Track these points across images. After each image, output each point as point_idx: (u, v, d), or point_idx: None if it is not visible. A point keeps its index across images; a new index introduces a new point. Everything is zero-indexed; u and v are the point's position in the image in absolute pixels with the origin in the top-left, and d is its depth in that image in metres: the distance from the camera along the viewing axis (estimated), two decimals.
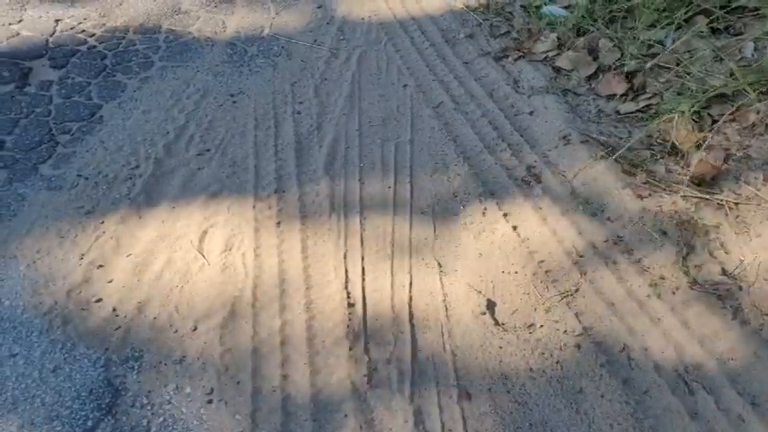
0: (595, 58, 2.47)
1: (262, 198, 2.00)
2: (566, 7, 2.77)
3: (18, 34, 2.68)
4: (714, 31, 2.39)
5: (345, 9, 2.91)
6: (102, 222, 1.91)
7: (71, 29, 2.73)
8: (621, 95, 2.30)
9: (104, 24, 2.77)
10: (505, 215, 1.93)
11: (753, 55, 2.21)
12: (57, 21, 2.77)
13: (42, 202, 1.97)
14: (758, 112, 2.01)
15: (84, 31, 2.72)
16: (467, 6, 2.91)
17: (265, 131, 2.25)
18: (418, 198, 2.00)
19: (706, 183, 1.92)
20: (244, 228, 1.90)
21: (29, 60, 2.54)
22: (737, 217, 1.81)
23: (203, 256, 1.81)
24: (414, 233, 1.89)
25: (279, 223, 1.91)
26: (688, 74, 2.21)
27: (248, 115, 2.32)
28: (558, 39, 2.59)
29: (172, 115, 2.31)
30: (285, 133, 2.24)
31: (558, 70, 2.49)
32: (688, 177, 1.94)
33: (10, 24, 2.74)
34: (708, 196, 1.88)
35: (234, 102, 2.39)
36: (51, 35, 2.69)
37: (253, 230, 1.89)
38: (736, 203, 1.84)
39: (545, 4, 2.79)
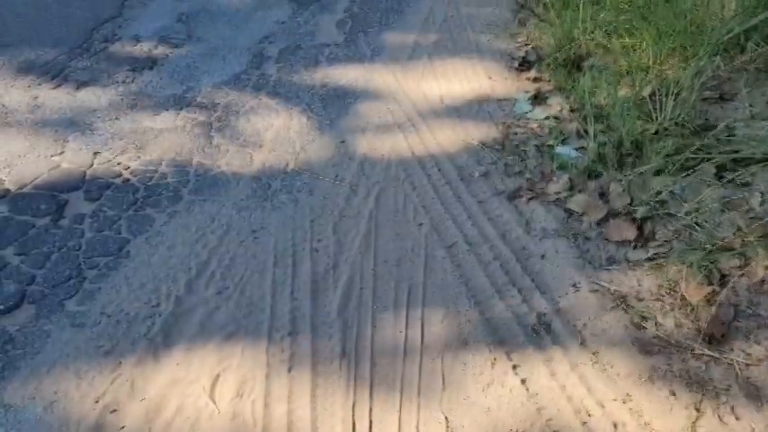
0: (606, 202, 2.53)
1: (275, 341, 2.04)
2: (578, 148, 2.87)
3: (59, 166, 2.86)
4: (721, 179, 2.45)
5: (367, 145, 3.06)
6: (120, 363, 1.96)
7: (108, 161, 2.90)
8: (631, 242, 2.35)
9: (140, 157, 2.94)
10: (515, 367, 1.94)
11: (760, 207, 2.26)
12: (95, 153, 2.95)
13: (65, 340, 2.04)
14: (767, 269, 2.03)
15: (120, 163, 2.89)
16: (483, 144, 3.03)
17: (284, 270, 2.33)
18: (429, 345, 2.03)
19: (716, 340, 1.92)
20: (256, 372, 1.94)
21: (66, 192, 2.70)
22: (748, 379, 1.80)
23: (214, 403, 1.84)
24: (422, 383, 1.91)
25: (290, 369, 1.95)
26: (696, 223, 2.26)
27: (268, 252, 2.41)
28: (570, 180, 2.67)
29: (195, 251, 2.41)
30: (303, 272, 2.32)
31: (569, 212, 2.55)
32: (698, 334, 1.95)
33: (52, 156, 2.93)
34: (718, 355, 1.88)
35: (255, 238, 2.49)
36: (89, 167, 2.86)
37: (264, 376, 1.92)
38: (747, 365, 1.83)
39: (558, 145, 2.90)
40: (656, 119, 2.76)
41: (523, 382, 1.89)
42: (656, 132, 2.70)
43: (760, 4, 2.77)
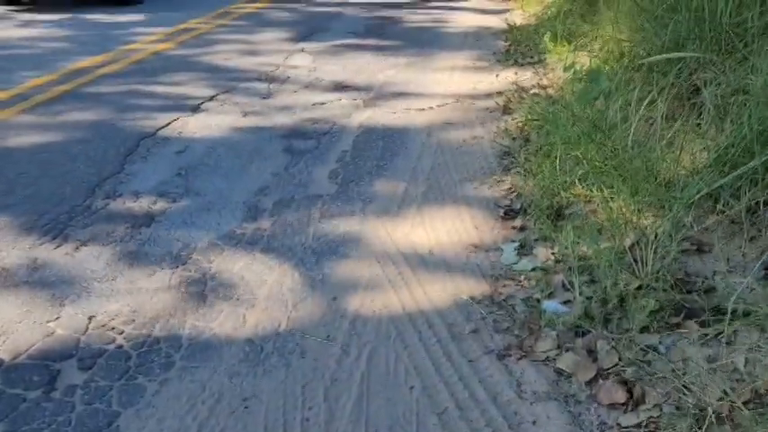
0: (594, 361, 2.56)
1: None
2: (565, 302, 2.93)
3: (54, 332, 2.90)
4: (705, 336, 2.49)
5: (358, 302, 3.12)
6: None
7: (102, 326, 2.94)
8: (622, 405, 2.35)
9: (134, 320, 2.98)
10: None
11: (744, 368, 2.28)
12: (90, 318, 3.00)
13: None
14: None
15: (114, 328, 2.93)
16: (472, 298, 3.10)
17: None
18: None
19: None
20: None
21: (59, 362, 2.71)
22: None
23: None
24: None
25: None
26: (684, 386, 2.28)
27: (258, 424, 2.40)
28: (558, 337, 2.71)
29: (185, 424, 2.40)
30: None
31: (559, 372, 2.57)
32: None
33: (48, 322, 2.97)
34: None
35: (246, 407, 2.48)
36: (83, 333, 2.89)
37: None
38: None
39: (544, 299, 2.96)
40: (638, 272, 2.84)
41: None
42: (640, 287, 2.77)
43: (726, 164, 2.94)
